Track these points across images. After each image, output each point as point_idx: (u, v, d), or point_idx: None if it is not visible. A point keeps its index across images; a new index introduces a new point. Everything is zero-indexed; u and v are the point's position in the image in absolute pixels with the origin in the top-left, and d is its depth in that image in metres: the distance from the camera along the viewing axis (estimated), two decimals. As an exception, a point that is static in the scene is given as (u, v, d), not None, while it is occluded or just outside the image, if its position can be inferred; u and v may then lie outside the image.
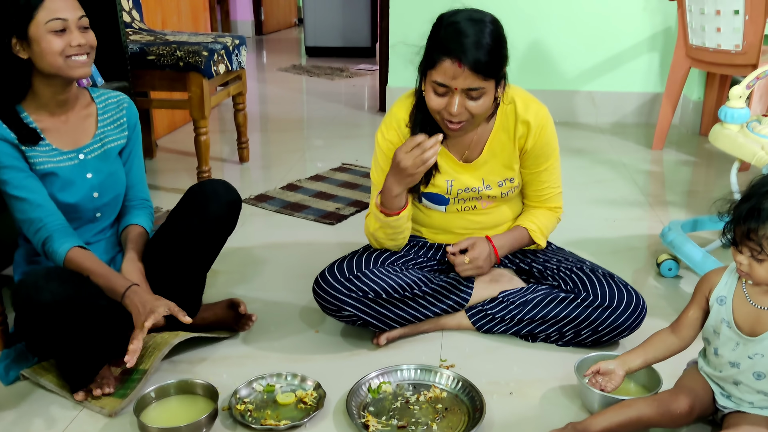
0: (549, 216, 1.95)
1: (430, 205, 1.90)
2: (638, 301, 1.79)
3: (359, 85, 5.55)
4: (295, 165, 3.46)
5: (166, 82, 2.89)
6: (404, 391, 1.67)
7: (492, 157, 1.84)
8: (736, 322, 1.40)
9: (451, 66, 1.59)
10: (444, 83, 1.61)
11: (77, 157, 1.72)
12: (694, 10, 3.30)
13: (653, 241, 2.55)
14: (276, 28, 8.57)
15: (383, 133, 1.84)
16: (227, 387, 1.66)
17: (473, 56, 1.57)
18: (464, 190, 1.86)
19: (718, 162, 3.51)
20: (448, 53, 1.59)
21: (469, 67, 1.58)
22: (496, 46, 1.61)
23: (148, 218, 1.86)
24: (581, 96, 4.29)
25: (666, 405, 1.43)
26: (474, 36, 1.58)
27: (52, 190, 1.68)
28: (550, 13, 4.14)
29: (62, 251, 1.62)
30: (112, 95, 1.83)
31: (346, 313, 1.79)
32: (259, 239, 2.55)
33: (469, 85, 1.60)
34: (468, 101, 1.63)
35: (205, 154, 2.97)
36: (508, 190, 1.88)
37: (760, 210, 1.27)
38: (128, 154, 1.84)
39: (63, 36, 1.59)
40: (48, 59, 1.59)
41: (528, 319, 1.85)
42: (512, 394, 1.68)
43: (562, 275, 1.88)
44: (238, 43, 3.16)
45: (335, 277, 1.80)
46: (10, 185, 1.62)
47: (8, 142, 1.61)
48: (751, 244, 1.30)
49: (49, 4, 1.57)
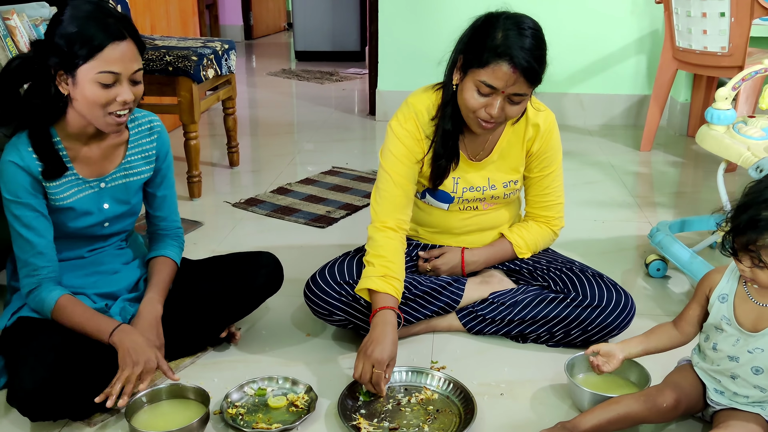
0: (542, 232, 1.96)
1: (434, 203, 1.91)
2: (627, 300, 1.81)
3: (349, 89, 5.56)
4: (285, 169, 3.46)
5: (156, 87, 2.89)
6: (396, 393, 1.67)
7: (500, 157, 1.86)
8: (737, 318, 1.42)
9: (506, 70, 1.58)
10: (493, 84, 1.61)
11: (98, 186, 1.67)
12: (681, 12, 3.33)
13: (642, 242, 2.57)
14: (265, 33, 8.57)
15: (400, 122, 1.80)
16: (219, 391, 1.66)
17: (528, 62, 1.58)
18: (470, 189, 1.87)
19: (706, 163, 3.54)
20: (504, 57, 1.58)
21: (522, 73, 1.59)
22: (544, 54, 1.64)
23: (179, 249, 1.85)
24: (570, 98, 4.31)
25: (652, 400, 1.45)
26: (531, 42, 1.60)
27: (65, 219, 1.65)
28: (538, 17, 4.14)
29: (51, 300, 1.60)
30: (144, 120, 1.75)
31: (337, 317, 1.80)
32: (249, 243, 2.55)
33: (517, 91, 1.61)
34: (508, 105, 1.65)
35: (195, 159, 2.97)
36: (511, 191, 1.91)
37: (758, 220, 1.28)
38: (161, 182, 1.80)
39: (110, 90, 1.52)
40: (87, 108, 1.54)
41: (518, 319, 1.86)
42: (503, 395, 1.69)
43: (551, 275, 1.90)
44: (227, 47, 3.16)
45: (326, 281, 1.81)
46: (18, 222, 1.59)
47: (31, 176, 1.56)
48: (751, 254, 1.31)
49: (108, 53, 1.49)
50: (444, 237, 1.96)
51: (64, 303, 1.60)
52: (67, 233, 1.68)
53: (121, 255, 1.81)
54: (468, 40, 1.66)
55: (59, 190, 1.61)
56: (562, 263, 1.94)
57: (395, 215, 1.80)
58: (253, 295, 1.84)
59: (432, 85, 1.82)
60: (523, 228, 1.95)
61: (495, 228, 1.96)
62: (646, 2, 4.04)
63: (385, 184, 1.80)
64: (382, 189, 1.81)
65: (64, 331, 1.58)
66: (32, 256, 1.61)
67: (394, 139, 1.81)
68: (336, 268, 1.84)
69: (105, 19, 1.50)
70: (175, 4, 4.19)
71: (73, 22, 1.49)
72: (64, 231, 1.67)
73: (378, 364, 1.58)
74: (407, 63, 4.23)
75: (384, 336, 1.61)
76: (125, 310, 1.71)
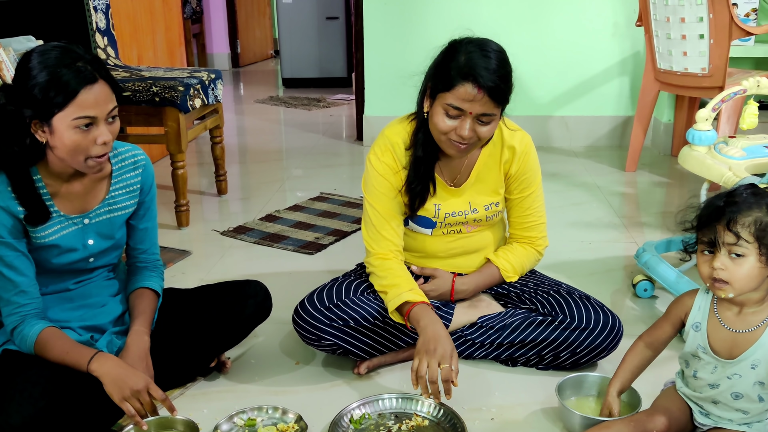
0: (527, 254, 1.97)
1: (417, 228, 1.92)
2: (614, 322, 1.82)
3: (336, 115, 5.59)
4: (273, 196, 3.47)
5: (143, 117, 2.90)
6: (386, 420, 1.67)
7: (479, 181, 1.88)
8: (712, 347, 1.42)
9: (470, 90, 1.63)
10: (459, 107, 1.65)
11: (82, 222, 1.66)
12: (661, 35, 3.38)
13: (629, 263, 2.59)
14: (252, 60, 8.62)
15: (378, 156, 1.84)
16: (208, 422, 1.65)
17: (493, 82, 1.62)
18: (451, 214, 1.88)
19: (690, 182, 3.57)
20: (468, 78, 1.62)
21: (486, 93, 1.62)
22: (509, 74, 1.68)
23: (160, 280, 1.84)
24: (555, 121, 4.35)
25: (642, 425, 1.45)
26: (494, 63, 1.64)
27: (48, 256, 1.64)
28: (522, 41, 4.22)
29: (32, 335, 1.58)
30: (128, 154, 1.74)
31: (326, 342, 1.80)
32: (238, 271, 2.54)
33: (484, 111, 1.65)
34: (478, 126, 1.68)
35: (182, 188, 2.98)
36: (493, 213, 1.92)
37: (736, 202, 1.31)
38: (144, 215, 1.79)
39: (88, 132, 1.50)
40: (66, 155, 1.52)
41: (507, 343, 1.86)
42: (494, 420, 1.68)
43: (539, 298, 1.91)
44: (214, 77, 3.18)
45: (314, 306, 1.81)
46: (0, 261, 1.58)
47: (11, 215, 1.55)
48: (729, 237, 1.30)
49: (82, 98, 1.47)
50: (430, 261, 1.96)
51: (45, 337, 1.58)
52: (52, 269, 1.67)
53: (108, 286, 1.80)
54: (434, 67, 1.71)
55: (40, 228, 1.60)
56: (550, 286, 1.95)
57: (390, 246, 1.83)
58: (242, 324, 1.84)
59: (407, 116, 1.86)
60: (509, 251, 1.96)
61: (480, 250, 1.97)
62: (627, 25, 4.10)
63: (375, 218, 1.84)
64: (372, 224, 1.85)
65: (51, 365, 1.57)
66: (14, 294, 1.60)
67: (374, 174, 1.84)
68: (324, 293, 1.85)
69: (74, 64, 1.48)
70: (161, 34, 4.22)
71: (44, 71, 1.46)
72: (49, 267, 1.66)
73: (444, 359, 1.59)
74: (393, 88, 4.26)
75: (439, 331, 1.65)
76: (112, 343, 1.70)
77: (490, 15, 4.17)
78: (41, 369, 1.55)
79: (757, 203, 1.31)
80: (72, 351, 1.58)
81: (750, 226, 1.29)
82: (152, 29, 4.10)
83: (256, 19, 8.55)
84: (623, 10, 4.11)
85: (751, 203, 1.31)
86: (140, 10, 3.94)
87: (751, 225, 1.29)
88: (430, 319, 1.68)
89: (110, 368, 1.55)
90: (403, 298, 1.74)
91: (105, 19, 3.30)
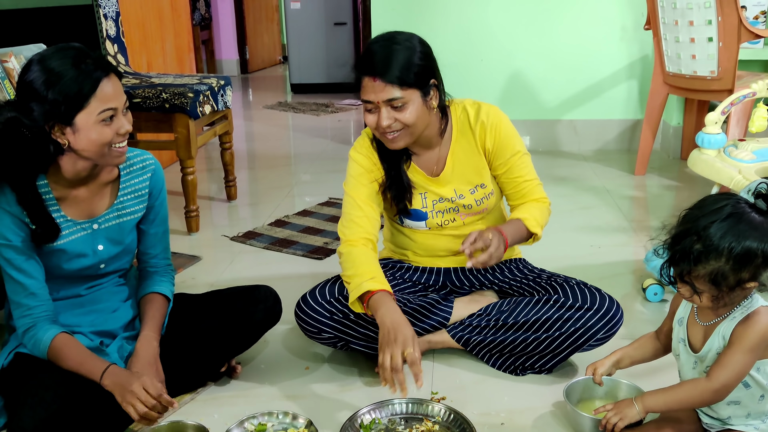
0: (539, 207, 1.91)
1: (412, 224, 1.93)
2: (612, 303, 1.81)
3: (345, 120, 5.61)
4: (282, 201, 3.48)
5: (153, 124, 2.92)
6: (396, 425, 1.67)
7: (458, 165, 1.88)
8: (690, 341, 1.45)
9: (367, 82, 1.70)
10: (368, 99, 1.71)
11: (90, 227, 1.67)
12: (669, 38, 3.37)
13: (638, 267, 2.58)
14: (261, 66, 8.65)
15: (357, 149, 1.90)
16: (219, 427, 1.66)
17: (383, 69, 1.67)
18: (439, 200, 1.89)
19: (700, 186, 3.55)
20: (362, 71, 1.71)
21: (381, 80, 1.68)
22: (408, 58, 1.69)
23: (170, 285, 1.84)
24: (563, 125, 4.35)
25: (653, 436, 1.45)
26: (383, 52, 1.70)
27: (58, 262, 1.65)
28: (530, 45, 4.22)
29: (46, 341, 1.59)
30: (137, 159, 1.75)
31: (326, 335, 1.83)
32: (248, 276, 2.55)
33: (388, 96, 1.69)
34: (394, 112, 1.71)
35: (192, 194, 2.99)
36: (482, 196, 1.90)
37: (691, 252, 1.31)
38: (154, 219, 1.80)
39: (112, 124, 1.55)
40: (93, 148, 1.54)
41: (504, 325, 1.85)
42: (504, 425, 1.68)
43: (537, 288, 1.93)
44: (223, 83, 3.20)
45: (316, 300, 1.84)
46: (9, 265, 1.59)
47: (20, 220, 1.57)
48: (686, 284, 1.35)
49: (101, 92, 1.51)
50: (432, 259, 1.97)
51: (59, 345, 1.59)
52: (63, 275, 1.68)
53: (119, 292, 1.81)
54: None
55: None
56: (548, 277, 1.97)
57: (362, 234, 1.84)
58: (252, 329, 1.84)
59: None
60: (523, 209, 1.89)
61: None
62: (636, 28, 4.10)
63: (349, 207, 1.87)
64: (347, 212, 1.88)
65: (63, 370, 1.58)
66: (25, 297, 1.61)
67: (353, 164, 1.89)
68: (327, 288, 1.87)
69: (87, 61, 1.51)
70: (171, 41, 4.25)
71: (57, 74, 1.48)
72: (60, 273, 1.67)
73: (406, 344, 1.59)
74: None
75: (397, 319, 1.65)
76: (123, 348, 1.71)
77: (497, 20, 4.18)
78: (53, 373, 1.56)
79: (721, 245, 1.29)
80: (86, 362, 1.58)
81: (705, 277, 1.32)
82: (162, 36, 4.13)
83: (265, 25, 8.59)
84: (631, 14, 4.10)
85: (713, 248, 1.29)
86: (150, 18, 3.96)
87: (706, 276, 1.31)
88: (388, 308, 1.67)
89: (120, 381, 1.55)
90: (363, 288, 1.72)
91: (115, 27, 3.32)
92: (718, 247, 1.29)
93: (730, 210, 1.31)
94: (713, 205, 1.34)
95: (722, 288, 1.31)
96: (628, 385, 1.67)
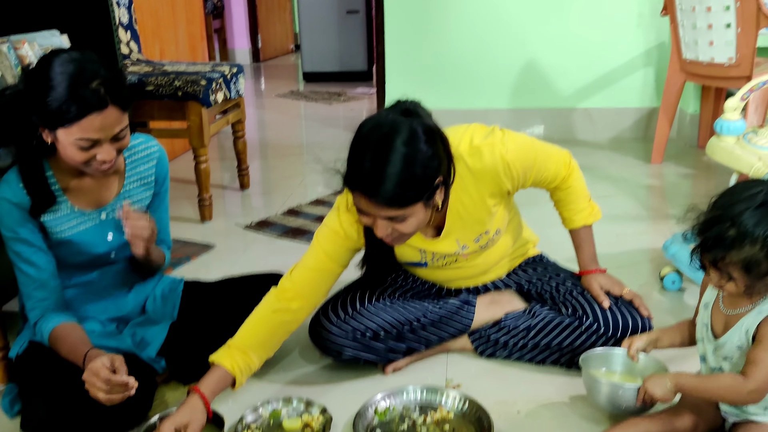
0: (573, 187, 1.82)
1: (409, 265, 1.85)
2: (644, 325, 1.75)
3: (357, 109, 5.58)
4: (295, 190, 3.47)
5: (165, 112, 2.91)
6: (411, 412, 1.66)
7: (459, 221, 1.70)
8: (713, 327, 1.44)
9: (363, 199, 1.45)
10: (363, 210, 1.48)
11: (99, 217, 1.67)
12: (687, 24, 3.33)
13: (656, 255, 2.55)
14: (273, 55, 8.64)
15: (340, 214, 1.67)
16: (233, 413, 1.66)
17: (378, 190, 1.41)
18: (441, 256, 1.77)
19: (717, 174, 3.52)
20: (353, 186, 1.45)
21: (378, 203, 1.43)
22: (407, 170, 1.40)
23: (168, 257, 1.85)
24: (578, 113, 4.31)
25: (671, 423, 1.44)
26: (376, 167, 1.40)
27: (68, 252, 1.65)
28: (544, 33, 4.18)
29: (46, 333, 1.59)
30: (141, 147, 1.73)
31: (347, 355, 1.78)
32: (261, 265, 2.54)
33: (385, 215, 1.46)
34: (393, 224, 1.48)
35: (205, 182, 2.99)
36: (487, 241, 1.77)
37: (725, 238, 1.29)
38: (158, 205, 1.80)
39: (90, 151, 1.49)
40: (70, 161, 1.52)
41: (531, 345, 1.82)
42: (519, 413, 1.67)
43: (563, 299, 1.85)
44: (235, 71, 3.19)
45: (330, 321, 1.78)
46: (18, 257, 1.60)
47: (25, 211, 1.56)
48: (719, 270, 1.33)
49: (87, 122, 1.44)
50: (450, 284, 1.90)
51: (56, 335, 1.59)
52: (75, 264, 1.69)
53: (130, 278, 1.82)
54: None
55: (55, 223, 1.61)
56: (572, 285, 1.87)
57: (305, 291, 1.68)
58: None
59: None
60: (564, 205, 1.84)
61: (487, 271, 1.88)
62: (652, 15, 4.05)
63: (311, 257, 1.69)
64: (305, 260, 1.69)
65: None
66: (34, 289, 1.61)
67: (334, 221, 1.67)
68: (339, 305, 1.80)
69: (87, 86, 1.43)
70: (183, 29, 4.24)
71: (57, 87, 1.43)
72: (72, 262, 1.67)
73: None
74: (415, 81, 4.25)
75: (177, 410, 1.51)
76: (136, 335, 1.72)
77: (512, 6, 4.13)
78: (66, 362, 1.56)
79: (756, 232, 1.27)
80: (75, 350, 1.54)
81: (738, 263, 1.30)
82: (174, 24, 4.12)
83: (277, 14, 8.57)
84: (648, 0, 4.05)
85: (747, 235, 1.27)
86: (162, 6, 3.95)
87: (739, 263, 1.30)
88: (187, 404, 1.52)
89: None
90: (214, 357, 1.60)
91: (128, 15, 3.31)
92: (754, 233, 1.27)
93: (764, 197, 1.30)
94: (746, 192, 1.32)
95: (754, 275, 1.30)
96: (655, 362, 1.60)
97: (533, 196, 2.04)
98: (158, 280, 1.89)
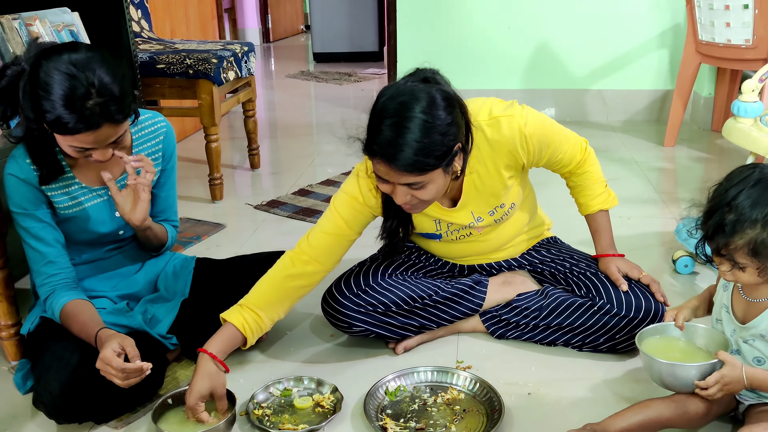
0: (589, 172, 1.82)
1: (423, 237, 1.85)
2: (657, 308, 1.73)
3: (367, 89, 5.56)
4: (306, 170, 3.46)
5: (177, 90, 2.90)
6: (421, 393, 1.66)
7: (474, 192, 1.71)
8: (733, 308, 1.44)
9: (382, 166, 1.45)
10: (382, 177, 1.49)
11: (107, 194, 1.67)
12: (703, 5, 3.28)
13: (668, 238, 2.53)
14: (283, 35, 8.60)
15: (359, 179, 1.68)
16: (245, 392, 1.66)
17: (397, 156, 1.41)
18: (456, 229, 1.78)
19: (731, 158, 3.48)
20: (372, 152, 1.46)
21: (398, 169, 1.43)
22: (426, 137, 1.41)
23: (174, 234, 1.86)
24: (591, 95, 4.27)
25: (684, 406, 1.43)
26: (395, 134, 1.41)
27: (77, 229, 1.65)
28: (558, 13, 4.13)
29: (57, 309, 1.59)
30: (148, 123, 1.73)
31: (357, 329, 1.78)
32: (271, 245, 2.54)
33: (405, 181, 1.46)
34: (413, 191, 1.49)
35: (216, 161, 2.98)
36: (501, 215, 1.77)
37: (725, 224, 1.28)
38: (165, 182, 1.80)
39: (85, 152, 1.49)
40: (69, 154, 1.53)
41: (543, 325, 1.82)
42: (530, 395, 1.67)
43: (575, 279, 1.84)
44: (246, 50, 3.17)
45: (343, 294, 1.78)
46: (27, 234, 1.60)
47: (32, 186, 1.57)
48: (725, 258, 1.32)
49: (80, 137, 1.44)
50: (463, 260, 1.90)
51: (67, 311, 1.58)
52: (84, 241, 1.69)
53: (139, 255, 1.82)
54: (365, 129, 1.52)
55: (63, 199, 1.62)
56: (587, 266, 1.87)
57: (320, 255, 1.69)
58: None
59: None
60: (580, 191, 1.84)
61: (501, 248, 1.87)
62: (668, -4, 3.99)
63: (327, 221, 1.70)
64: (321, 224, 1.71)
65: None
66: (44, 265, 1.61)
67: (352, 187, 1.69)
68: (353, 279, 1.82)
69: (83, 104, 1.40)
70: (194, 8, 4.22)
71: (51, 100, 1.40)
72: (80, 239, 1.68)
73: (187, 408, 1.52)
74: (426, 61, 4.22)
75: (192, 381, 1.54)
76: (147, 312, 1.72)
77: (525, -14, 4.09)
78: (77, 338, 1.56)
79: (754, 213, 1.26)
80: (86, 328, 1.54)
81: (743, 248, 1.28)
82: (185, 3, 4.10)
83: (287, -6, 8.52)
84: (664, -19, 4.00)
85: (746, 217, 1.26)
86: (173, -16, 3.93)
87: (744, 247, 1.28)
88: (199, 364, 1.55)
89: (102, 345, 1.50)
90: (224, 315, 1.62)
91: (138, -8, 3.30)
92: (752, 215, 1.26)
93: (758, 176, 1.29)
94: (740, 176, 1.32)
95: (763, 257, 1.28)
96: (705, 329, 1.51)
97: (546, 176, 2.02)
98: (170, 257, 1.89)
